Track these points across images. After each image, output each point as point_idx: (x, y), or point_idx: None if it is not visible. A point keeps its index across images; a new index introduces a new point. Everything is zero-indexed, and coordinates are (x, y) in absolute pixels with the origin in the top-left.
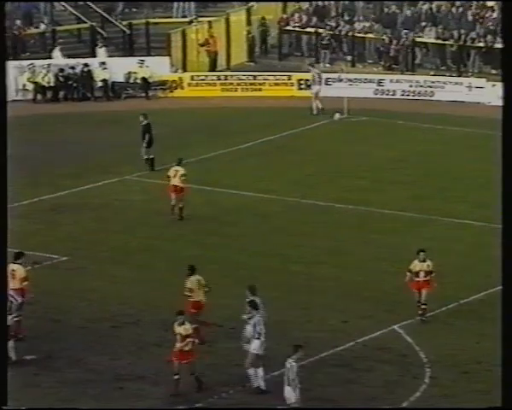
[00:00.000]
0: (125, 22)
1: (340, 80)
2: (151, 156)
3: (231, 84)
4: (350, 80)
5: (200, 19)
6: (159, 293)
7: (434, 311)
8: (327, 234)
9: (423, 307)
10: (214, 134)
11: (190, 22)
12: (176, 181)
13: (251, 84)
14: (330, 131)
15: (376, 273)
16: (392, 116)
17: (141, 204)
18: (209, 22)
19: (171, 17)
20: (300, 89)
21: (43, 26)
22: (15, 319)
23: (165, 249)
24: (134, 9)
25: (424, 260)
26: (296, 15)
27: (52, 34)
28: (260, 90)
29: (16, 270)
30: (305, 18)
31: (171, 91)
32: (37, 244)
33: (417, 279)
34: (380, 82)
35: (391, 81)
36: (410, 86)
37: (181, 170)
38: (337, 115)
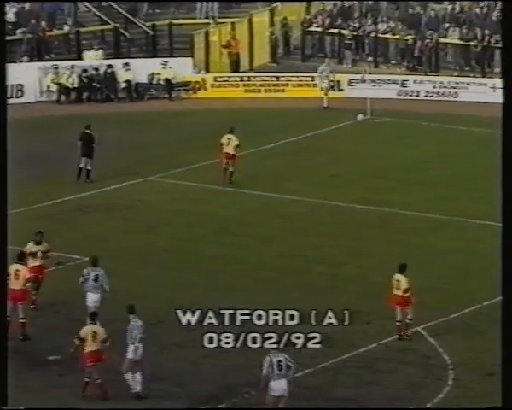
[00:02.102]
0: (148, 23)
1: (364, 81)
2: (88, 167)
3: (254, 85)
4: (373, 81)
5: (224, 20)
6: (182, 293)
7: (458, 312)
8: (349, 235)
9: (398, 324)
10: (237, 135)
11: (207, 24)
12: (229, 149)
13: (274, 85)
14: (353, 132)
15: None
16: (416, 117)
17: (164, 205)
18: (232, 24)
19: (194, 18)
20: None
21: (66, 28)
22: (21, 320)
23: (187, 250)
24: (158, 10)
25: (402, 276)
26: (319, 16)
27: (76, 36)
28: (283, 91)
29: (20, 270)
30: (328, 19)
31: (195, 92)
32: (61, 245)
33: (397, 294)
34: (403, 83)
35: (414, 82)
36: (434, 87)
37: (234, 139)
38: (360, 116)
